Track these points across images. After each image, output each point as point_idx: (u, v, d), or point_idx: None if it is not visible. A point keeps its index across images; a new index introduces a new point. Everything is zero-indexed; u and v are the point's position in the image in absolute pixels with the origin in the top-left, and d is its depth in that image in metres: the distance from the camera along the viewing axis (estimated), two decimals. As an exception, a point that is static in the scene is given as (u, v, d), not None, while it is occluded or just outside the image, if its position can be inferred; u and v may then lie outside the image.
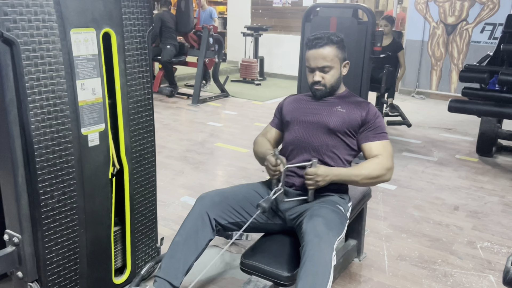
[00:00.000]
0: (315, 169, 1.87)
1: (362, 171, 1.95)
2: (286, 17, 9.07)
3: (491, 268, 2.53)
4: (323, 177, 1.88)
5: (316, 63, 2.04)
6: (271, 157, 1.95)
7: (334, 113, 2.07)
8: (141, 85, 2.00)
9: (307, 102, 2.16)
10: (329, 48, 2.03)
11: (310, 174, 1.87)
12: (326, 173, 1.89)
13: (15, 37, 1.53)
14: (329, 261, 1.64)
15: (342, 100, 2.11)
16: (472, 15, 6.82)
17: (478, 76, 3.91)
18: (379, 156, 2.00)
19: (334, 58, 2.04)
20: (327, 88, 2.08)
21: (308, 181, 1.89)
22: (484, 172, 4.07)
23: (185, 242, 1.88)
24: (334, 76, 2.07)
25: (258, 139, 2.26)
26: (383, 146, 2.03)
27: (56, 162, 1.70)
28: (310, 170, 1.88)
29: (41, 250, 1.73)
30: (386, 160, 1.99)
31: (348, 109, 2.07)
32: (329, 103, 2.11)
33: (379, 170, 1.97)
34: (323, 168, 1.90)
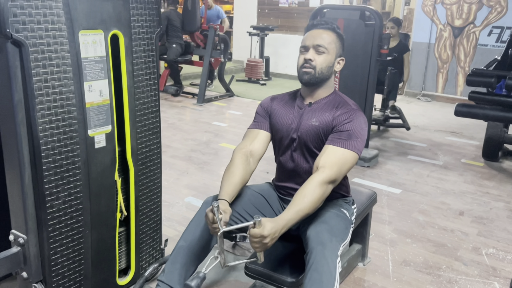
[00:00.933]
0: (259, 230, 1.56)
1: (304, 200, 1.68)
2: (292, 17, 9.05)
3: (496, 275, 2.51)
4: (271, 236, 1.58)
5: (312, 41, 1.89)
6: (209, 213, 1.67)
7: (311, 129, 1.91)
8: (148, 87, 2.00)
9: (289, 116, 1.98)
10: (330, 33, 1.92)
11: (256, 236, 1.57)
12: (273, 231, 1.58)
13: (24, 38, 1.53)
14: (333, 269, 1.63)
15: (322, 107, 1.94)
16: (480, 18, 6.78)
17: (485, 80, 3.89)
18: (319, 169, 1.76)
19: (331, 43, 1.91)
20: (316, 72, 1.89)
21: (255, 245, 1.59)
22: (490, 177, 4.05)
23: (189, 247, 1.87)
24: (326, 61, 1.90)
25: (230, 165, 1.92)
26: (334, 154, 1.79)
27: (62, 163, 1.70)
28: (254, 231, 1.57)
29: (46, 250, 1.73)
30: (327, 172, 1.74)
31: (321, 116, 1.90)
32: (309, 114, 1.94)
33: (319, 189, 1.71)
34: (268, 225, 1.58)
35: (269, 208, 2.04)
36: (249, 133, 2.05)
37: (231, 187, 1.83)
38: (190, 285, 1.63)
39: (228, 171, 1.90)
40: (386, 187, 3.68)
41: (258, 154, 1.98)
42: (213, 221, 1.66)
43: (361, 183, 3.74)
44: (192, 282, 1.64)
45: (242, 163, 1.91)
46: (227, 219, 1.69)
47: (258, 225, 1.56)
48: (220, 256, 1.68)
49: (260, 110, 2.08)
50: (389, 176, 3.94)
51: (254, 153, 1.97)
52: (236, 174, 1.88)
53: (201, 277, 1.66)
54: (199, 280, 1.65)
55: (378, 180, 3.83)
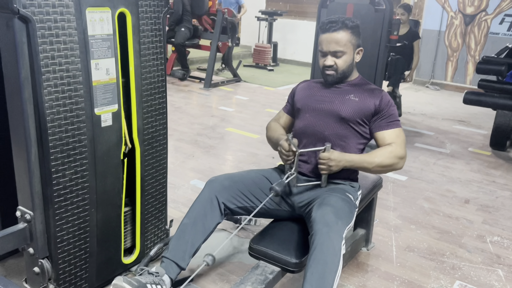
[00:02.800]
0: (328, 154, 1.85)
1: (375, 159, 1.93)
2: (301, 2, 8.96)
3: (500, 262, 2.51)
4: (336, 162, 1.87)
5: (328, 47, 1.99)
6: (284, 142, 1.93)
7: (346, 101, 2.03)
8: (155, 66, 1.99)
9: (319, 89, 2.12)
10: (343, 33, 1.98)
11: (324, 158, 1.86)
12: (339, 158, 1.87)
13: (31, 14, 1.52)
14: (338, 250, 1.64)
15: (355, 88, 2.07)
16: (492, 6, 6.68)
17: (495, 68, 3.85)
18: (392, 144, 1.98)
19: (347, 43, 1.99)
20: (338, 74, 2.03)
21: (321, 166, 1.88)
22: (496, 166, 4.02)
23: (193, 224, 1.89)
24: (346, 61, 2.01)
25: (271, 124, 2.24)
26: (396, 135, 2.01)
27: (68, 141, 1.71)
28: (323, 154, 1.86)
29: (52, 227, 1.75)
30: (399, 149, 1.97)
31: (362, 97, 2.03)
32: (341, 91, 2.07)
33: (392, 159, 1.95)
34: (336, 153, 1.88)
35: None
36: (279, 112, 2.32)
37: (284, 133, 2.15)
38: (275, 188, 1.85)
39: (272, 128, 2.21)
40: (392, 174, 3.66)
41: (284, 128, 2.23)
42: (289, 149, 1.92)
43: (367, 169, 3.73)
44: (276, 186, 1.85)
45: (279, 126, 2.22)
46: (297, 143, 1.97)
47: (327, 150, 1.87)
48: (295, 172, 1.93)
49: (289, 95, 2.28)
50: (395, 163, 3.92)
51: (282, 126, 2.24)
52: (280, 128, 2.20)
53: (283, 184, 1.88)
54: (281, 186, 1.86)
55: (384, 167, 3.81)
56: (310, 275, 1.60)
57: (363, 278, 2.30)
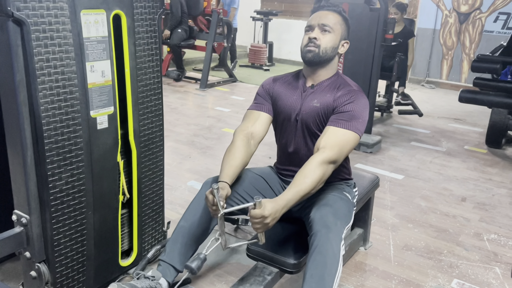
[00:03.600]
0: (260, 211, 1.55)
1: (306, 180, 1.67)
2: (296, 2, 8.97)
3: (497, 260, 2.52)
4: (272, 216, 1.57)
5: (318, 20, 1.88)
6: (209, 195, 1.68)
7: (312, 110, 1.89)
8: (150, 68, 1.99)
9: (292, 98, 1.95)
10: (335, 14, 1.91)
11: (256, 217, 1.56)
12: (274, 211, 1.57)
13: (25, 17, 1.51)
14: (337, 252, 1.63)
15: (324, 89, 1.92)
16: (486, 4, 6.70)
17: (490, 66, 3.86)
18: (320, 150, 1.74)
19: (336, 24, 1.90)
20: (320, 51, 1.87)
21: (256, 226, 1.58)
22: (493, 163, 4.04)
23: (190, 227, 1.89)
24: (331, 41, 1.88)
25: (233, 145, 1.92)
26: (335, 135, 1.77)
27: (64, 144, 1.70)
28: (255, 212, 1.55)
29: (49, 231, 1.74)
30: (327, 152, 1.72)
31: (323, 100, 1.88)
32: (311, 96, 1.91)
33: (320, 169, 1.69)
34: (269, 206, 1.57)
35: (270, 191, 2.04)
36: (249, 114, 2.02)
37: (231, 169, 1.83)
38: (191, 266, 1.66)
39: (229, 153, 1.89)
40: (388, 173, 3.67)
41: (259, 136, 1.96)
42: (213, 203, 1.67)
43: (364, 168, 3.74)
44: (192, 263, 1.67)
45: (243, 145, 1.90)
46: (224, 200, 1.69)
47: (258, 206, 1.55)
48: (221, 237, 1.68)
49: (261, 92, 2.06)
50: (391, 162, 3.93)
51: (255, 135, 1.95)
52: (237, 156, 1.87)
53: (202, 258, 1.69)
54: (199, 261, 1.67)
55: (381, 166, 3.82)
56: (309, 277, 1.59)
57: (362, 278, 2.30)
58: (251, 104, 2.07)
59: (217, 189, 1.64)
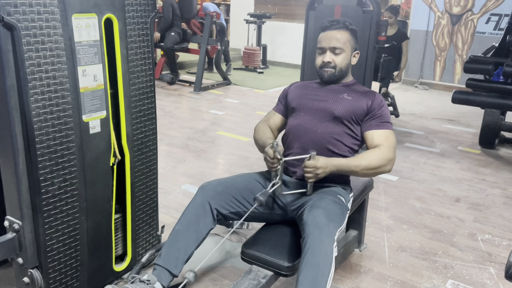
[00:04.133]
0: (314, 162, 1.80)
1: (362, 161, 1.90)
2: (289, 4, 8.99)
3: (491, 260, 2.53)
4: (323, 169, 1.82)
5: (328, 43, 2.02)
6: (269, 149, 1.90)
7: (340, 100, 2.05)
8: (143, 72, 1.98)
9: (313, 89, 2.14)
10: (343, 32, 2.03)
11: (309, 166, 1.81)
12: (325, 165, 1.82)
13: (16, 21, 1.50)
14: (330, 253, 1.63)
15: (348, 88, 2.10)
16: (478, 5, 6.74)
17: (483, 67, 3.88)
18: (380, 147, 1.96)
19: (346, 43, 2.03)
20: (336, 71, 2.06)
21: (307, 174, 1.83)
22: (486, 164, 4.06)
23: (185, 231, 1.88)
24: (344, 60, 2.05)
25: (259, 125, 2.22)
26: (385, 136, 1.99)
27: (57, 149, 1.69)
28: (309, 162, 1.81)
29: (41, 236, 1.73)
30: (387, 151, 1.95)
31: (355, 97, 2.05)
32: (335, 91, 2.09)
33: (379, 161, 1.92)
34: (322, 159, 1.83)
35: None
36: (269, 113, 2.30)
37: (271, 135, 2.14)
38: (260, 199, 1.81)
39: (260, 130, 2.17)
40: (383, 175, 3.67)
41: (273, 130, 2.23)
42: (274, 156, 1.88)
43: (358, 170, 3.74)
44: (260, 196, 1.82)
45: (268, 128, 2.19)
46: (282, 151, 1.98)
47: (313, 158, 1.81)
48: (280, 181, 1.90)
49: (280, 95, 2.28)
50: (386, 164, 3.93)
51: (271, 128, 2.22)
52: (268, 131, 2.17)
53: (267, 194, 1.85)
54: (265, 196, 1.83)
55: (375, 168, 3.82)
56: (302, 279, 1.59)
57: (357, 280, 2.30)
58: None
59: (276, 144, 1.90)
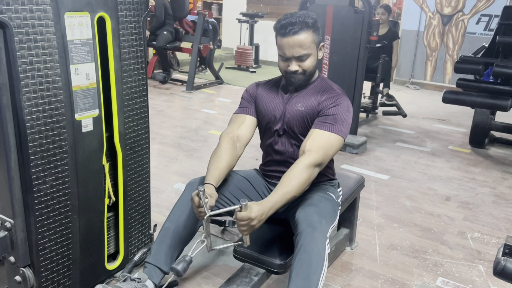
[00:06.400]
0: (247, 213, 1.56)
1: (291, 183, 1.68)
2: (282, 4, 9.00)
3: (481, 258, 2.56)
4: (259, 218, 1.58)
5: (292, 52, 1.81)
6: (195, 197, 1.66)
7: (296, 114, 1.91)
8: (135, 70, 1.98)
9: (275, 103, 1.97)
10: (305, 34, 1.80)
11: (243, 219, 1.56)
12: (260, 213, 1.58)
13: (8, 19, 1.50)
14: (322, 250, 1.65)
15: (307, 94, 1.93)
16: (469, 6, 6.80)
17: (473, 67, 3.92)
18: (305, 153, 1.76)
19: (311, 45, 1.83)
20: (305, 75, 1.88)
21: (242, 228, 1.59)
22: (476, 163, 4.10)
23: (174, 228, 1.88)
24: (312, 62, 1.87)
25: (219, 148, 1.91)
26: (321, 138, 1.79)
27: (49, 147, 1.69)
28: (241, 215, 1.56)
29: (33, 235, 1.73)
30: (313, 155, 1.74)
31: (307, 102, 1.90)
32: (295, 99, 1.93)
33: (306, 172, 1.71)
34: (255, 208, 1.58)
35: (255, 193, 2.05)
36: (235, 118, 2.03)
37: (217, 172, 1.83)
38: (177, 269, 1.67)
39: (215, 155, 1.89)
40: (374, 173, 3.71)
41: (245, 139, 1.97)
42: (199, 205, 1.66)
43: (350, 169, 3.77)
44: (178, 265, 1.68)
45: (229, 148, 1.91)
46: (213, 203, 1.69)
47: (244, 208, 1.56)
48: (206, 240, 1.68)
49: (246, 96, 2.07)
50: (377, 163, 3.97)
51: (241, 138, 1.96)
52: (223, 158, 1.87)
53: (188, 260, 1.70)
54: (185, 263, 1.68)
55: (366, 167, 3.86)
56: (295, 276, 1.60)
57: (348, 278, 2.32)
58: (236, 109, 2.08)
59: (203, 191, 1.63)
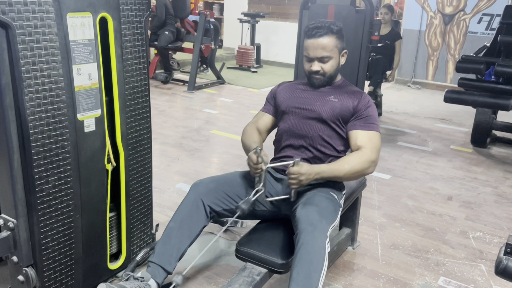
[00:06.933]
0: (297, 168, 1.81)
1: (345, 165, 1.90)
2: (283, 4, 9.00)
3: (482, 257, 2.56)
4: (307, 175, 1.82)
5: (315, 53, 2.01)
6: (253, 155, 1.88)
7: (327, 103, 2.06)
8: (137, 70, 1.99)
9: (301, 91, 2.15)
10: (329, 38, 2.00)
11: (293, 173, 1.81)
12: (309, 171, 1.83)
13: (11, 20, 1.50)
14: (322, 249, 1.65)
15: (336, 90, 2.11)
16: (470, 6, 6.80)
17: (474, 67, 3.91)
18: (362, 149, 1.95)
19: (333, 49, 2.02)
20: (325, 77, 2.07)
21: (291, 181, 1.84)
22: (478, 162, 4.10)
23: (179, 228, 1.89)
24: (333, 66, 2.05)
25: (247, 128, 2.20)
26: (368, 137, 1.98)
27: (51, 147, 1.69)
28: (293, 169, 1.81)
29: (36, 235, 1.73)
30: (369, 153, 1.94)
31: (341, 98, 2.06)
32: (323, 93, 2.10)
33: (362, 164, 1.92)
34: (305, 166, 1.83)
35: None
36: (257, 114, 2.29)
37: (258, 139, 2.10)
38: (242, 207, 1.83)
39: (247, 133, 2.15)
40: (375, 173, 3.71)
41: (262, 131, 2.22)
42: (257, 162, 1.86)
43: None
44: (243, 204, 1.83)
45: (255, 131, 2.18)
46: (267, 160, 1.91)
47: (297, 164, 1.81)
48: (263, 188, 1.88)
49: (268, 96, 2.30)
50: (379, 162, 3.95)
51: (260, 129, 2.21)
52: (255, 134, 2.15)
53: (250, 201, 1.85)
54: (248, 204, 1.84)
55: (368, 166, 3.85)
56: (296, 275, 1.61)
57: (350, 277, 2.32)
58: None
59: (260, 149, 1.88)
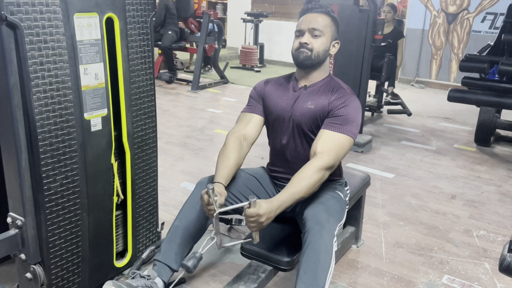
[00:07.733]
0: (255, 210, 1.58)
1: (301, 183, 1.70)
2: (286, 3, 9.01)
3: (486, 256, 2.56)
4: (267, 215, 1.60)
5: (308, 25, 1.89)
6: (205, 195, 1.69)
7: (306, 112, 1.91)
8: (143, 70, 2.01)
9: (283, 93, 1.99)
10: (324, 16, 1.92)
11: (251, 215, 1.58)
12: (269, 210, 1.60)
13: (19, 21, 1.52)
14: (330, 248, 1.66)
15: (318, 90, 1.94)
16: (474, 4, 6.79)
17: (478, 66, 3.91)
18: (317, 155, 1.77)
19: (326, 27, 1.91)
20: (312, 55, 1.90)
21: (250, 224, 1.61)
22: (481, 161, 4.10)
23: (184, 226, 1.91)
24: (322, 45, 1.90)
25: (228, 143, 1.95)
26: (331, 139, 1.80)
27: (59, 146, 1.71)
28: (249, 211, 1.58)
29: (44, 233, 1.75)
30: (324, 158, 1.76)
31: (317, 102, 1.90)
32: (303, 98, 1.94)
33: (316, 174, 1.73)
34: (264, 205, 1.60)
35: (263, 191, 2.06)
36: (242, 117, 2.05)
37: (226, 170, 1.85)
38: (187, 265, 1.69)
39: (222, 154, 1.92)
40: (379, 172, 3.72)
41: (251, 138, 1.99)
42: (209, 203, 1.68)
43: (355, 168, 3.78)
44: (188, 262, 1.70)
45: (236, 147, 1.93)
46: (222, 201, 1.71)
47: (253, 205, 1.58)
48: (216, 237, 1.70)
49: (253, 94, 2.09)
50: (382, 161, 3.97)
51: (248, 137, 1.98)
52: (231, 157, 1.90)
53: (198, 257, 1.72)
54: (195, 260, 1.70)
55: (372, 165, 3.87)
56: (303, 273, 1.62)
57: (354, 275, 2.33)
58: (244, 107, 2.10)
59: (212, 189, 1.65)
